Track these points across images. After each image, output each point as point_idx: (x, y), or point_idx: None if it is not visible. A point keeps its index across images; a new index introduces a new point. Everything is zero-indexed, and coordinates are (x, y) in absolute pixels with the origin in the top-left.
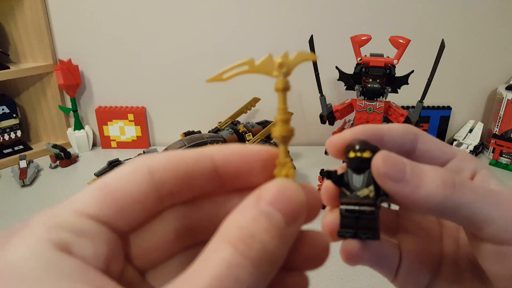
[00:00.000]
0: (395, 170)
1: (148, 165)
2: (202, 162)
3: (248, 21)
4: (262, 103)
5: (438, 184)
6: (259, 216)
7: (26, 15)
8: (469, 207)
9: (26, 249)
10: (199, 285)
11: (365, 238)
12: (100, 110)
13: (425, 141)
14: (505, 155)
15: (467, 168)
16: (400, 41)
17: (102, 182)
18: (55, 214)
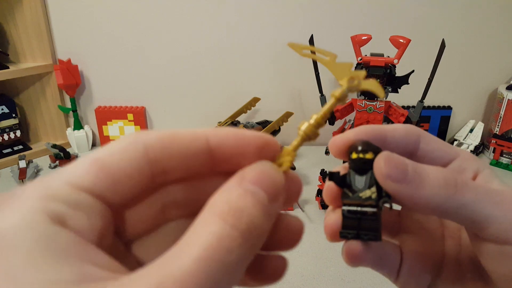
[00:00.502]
0: (397, 171)
1: (143, 142)
2: (196, 143)
3: (248, 21)
4: (262, 103)
5: (440, 184)
6: (245, 193)
7: (25, 15)
8: (471, 206)
9: (18, 219)
10: (191, 255)
11: (367, 239)
12: (100, 110)
13: (428, 141)
14: (505, 155)
15: (470, 168)
16: (400, 41)
17: (95, 156)
18: (49, 185)
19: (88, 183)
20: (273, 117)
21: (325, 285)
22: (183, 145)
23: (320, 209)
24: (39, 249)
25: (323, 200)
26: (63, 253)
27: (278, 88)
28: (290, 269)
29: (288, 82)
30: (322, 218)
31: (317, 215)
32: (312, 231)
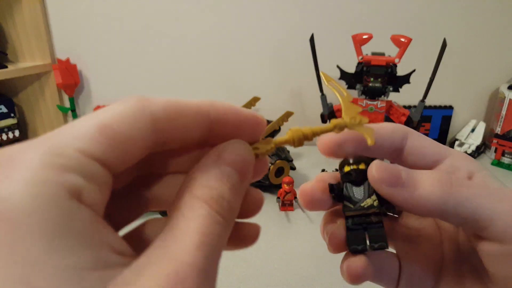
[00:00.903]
0: (390, 175)
1: (151, 111)
2: (200, 117)
3: (249, 20)
4: (262, 102)
5: (434, 183)
6: (222, 177)
7: (24, 14)
8: (470, 203)
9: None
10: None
11: (378, 248)
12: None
13: (415, 138)
14: (507, 155)
15: (464, 168)
16: (401, 40)
17: (102, 121)
18: (59, 152)
19: (99, 152)
20: (273, 116)
21: (325, 285)
22: (188, 118)
23: None
24: (60, 230)
25: None
26: (82, 234)
27: (278, 88)
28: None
29: (288, 81)
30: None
31: (317, 215)
32: (312, 231)
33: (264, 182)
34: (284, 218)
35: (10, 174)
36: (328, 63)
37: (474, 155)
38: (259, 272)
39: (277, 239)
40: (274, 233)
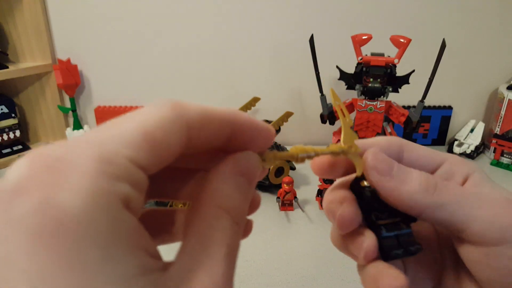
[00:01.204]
0: (382, 164)
1: (187, 119)
2: (225, 125)
3: (249, 20)
4: (262, 103)
5: (421, 183)
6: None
7: (25, 15)
8: (449, 207)
9: (90, 202)
10: (221, 254)
11: (415, 251)
12: (99, 109)
13: (411, 149)
14: (506, 155)
15: (459, 172)
16: (401, 41)
17: (146, 129)
18: (111, 160)
19: (144, 160)
20: (273, 117)
21: (325, 285)
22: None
23: (321, 209)
24: (112, 239)
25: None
26: (129, 242)
27: (278, 88)
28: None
29: (288, 82)
30: (322, 218)
31: (317, 215)
32: (312, 231)
33: (264, 182)
34: (284, 218)
35: (66, 180)
36: (328, 63)
37: (473, 155)
38: (259, 271)
39: (277, 239)
40: (274, 233)
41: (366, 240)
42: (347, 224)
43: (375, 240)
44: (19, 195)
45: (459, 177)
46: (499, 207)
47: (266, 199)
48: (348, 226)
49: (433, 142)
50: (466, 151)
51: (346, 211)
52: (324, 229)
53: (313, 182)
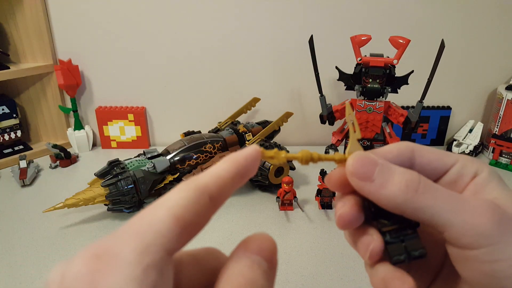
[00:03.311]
0: (362, 170)
1: (209, 194)
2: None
3: (248, 21)
4: (262, 103)
5: (401, 186)
6: (253, 264)
7: (26, 15)
8: (428, 211)
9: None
10: None
11: (419, 255)
12: (100, 110)
13: (423, 154)
14: (505, 155)
15: (468, 173)
16: (400, 41)
17: (176, 214)
18: (148, 251)
19: (174, 245)
20: (273, 117)
21: (325, 285)
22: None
23: (320, 209)
24: None
25: (322, 200)
26: None
27: (278, 88)
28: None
29: (288, 82)
30: (322, 218)
31: (317, 215)
32: (312, 231)
33: (264, 182)
34: (284, 218)
35: (113, 269)
36: (327, 64)
37: (472, 155)
38: None
39: (276, 238)
40: (274, 233)
41: (373, 242)
42: (344, 224)
43: (381, 243)
44: (74, 279)
45: (467, 177)
46: (478, 213)
47: (266, 199)
48: (346, 226)
49: (432, 142)
50: (465, 151)
51: (345, 212)
52: (324, 228)
53: (313, 182)
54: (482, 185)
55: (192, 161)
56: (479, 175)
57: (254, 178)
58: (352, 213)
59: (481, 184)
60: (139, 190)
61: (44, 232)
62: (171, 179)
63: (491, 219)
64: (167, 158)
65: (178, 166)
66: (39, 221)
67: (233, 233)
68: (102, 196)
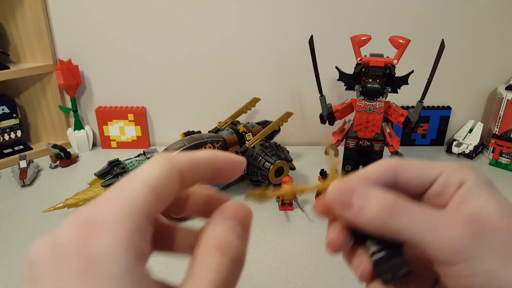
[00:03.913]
0: (341, 198)
1: (180, 170)
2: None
3: (248, 21)
4: (262, 103)
5: (377, 211)
6: (229, 228)
7: (26, 15)
8: (405, 232)
9: (113, 252)
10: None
11: (404, 273)
12: (100, 110)
13: (407, 170)
14: (505, 155)
15: (453, 183)
16: (400, 41)
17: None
18: (130, 215)
19: (151, 212)
20: (273, 117)
21: (325, 284)
22: (201, 169)
23: None
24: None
25: None
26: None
27: (278, 88)
28: (289, 268)
29: (288, 82)
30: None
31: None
32: (312, 231)
33: (264, 182)
34: (284, 218)
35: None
36: (327, 64)
37: (472, 155)
38: (259, 270)
39: (276, 238)
40: (274, 232)
41: (362, 263)
42: (333, 249)
43: (369, 264)
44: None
45: (453, 188)
46: (453, 229)
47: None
48: (335, 250)
49: (432, 142)
50: (465, 151)
51: (333, 237)
52: (323, 228)
53: (313, 182)
54: (467, 195)
55: None
56: (464, 184)
57: (254, 178)
58: (340, 238)
59: (466, 194)
60: None
61: (44, 232)
62: None
63: (465, 234)
64: None
65: None
66: (39, 221)
67: None
68: None
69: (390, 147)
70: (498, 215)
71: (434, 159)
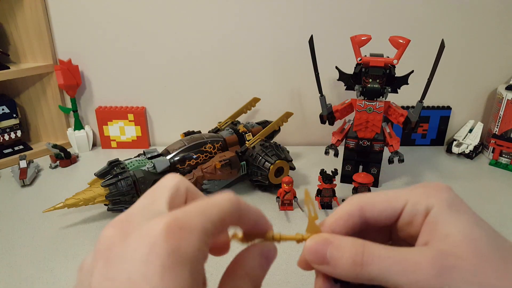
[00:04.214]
0: (316, 256)
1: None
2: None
3: (248, 21)
4: (262, 103)
5: (349, 263)
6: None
7: (26, 15)
8: (378, 278)
9: (197, 256)
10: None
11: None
12: (100, 110)
13: (372, 207)
14: (505, 155)
15: (419, 211)
16: (400, 41)
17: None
18: (208, 229)
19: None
20: (273, 117)
21: None
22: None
23: (320, 208)
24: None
25: (322, 200)
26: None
27: (278, 88)
28: (289, 268)
29: (288, 82)
30: (322, 218)
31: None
32: None
33: (264, 182)
34: (284, 218)
35: (190, 236)
36: (327, 64)
37: (472, 155)
38: None
39: None
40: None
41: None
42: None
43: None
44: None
45: (420, 216)
46: (419, 270)
47: (266, 199)
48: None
49: (432, 142)
50: (465, 151)
51: (320, 286)
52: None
53: (313, 182)
54: (434, 224)
55: (192, 161)
56: (430, 212)
57: (254, 178)
58: (327, 285)
59: (433, 223)
60: (139, 190)
61: (44, 232)
62: None
63: (433, 274)
64: (167, 158)
65: (178, 166)
66: (39, 221)
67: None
68: (102, 196)
69: (390, 147)
70: (465, 243)
71: (434, 159)
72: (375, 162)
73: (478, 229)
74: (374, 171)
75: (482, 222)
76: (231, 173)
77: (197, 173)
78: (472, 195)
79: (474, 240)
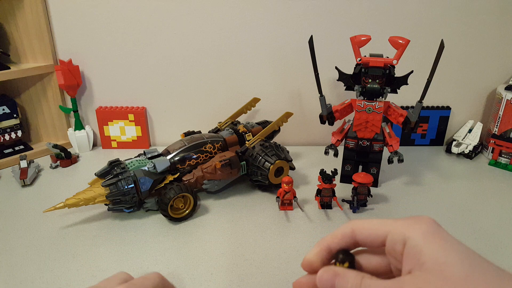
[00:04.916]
0: (327, 286)
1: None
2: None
3: (248, 21)
4: (262, 103)
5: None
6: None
7: (26, 15)
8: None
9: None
10: None
11: None
12: (101, 110)
13: (361, 231)
14: (504, 155)
15: (398, 242)
16: (399, 42)
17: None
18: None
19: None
20: (273, 117)
21: None
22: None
23: (320, 208)
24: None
25: (322, 199)
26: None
27: (278, 88)
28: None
29: (288, 82)
30: (322, 218)
31: (316, 215)
32: (312, 230)
33: (264, 182)
34: (284, 217)
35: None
36: (327, 64)
37: (471, 155)
38: (258, 270)
39: (276, 238)
40: (274, 232)
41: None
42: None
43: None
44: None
45: (400, 246)
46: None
47: (266, 199)
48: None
49: (431, 142)
50: (464, 151)
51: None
52: (323, 228)
53: (313, 182)
54: (413, 255)
55: (192, 161)
56: (406, 243)
57: (254, 178)
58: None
59: (411, 255)
60: (140, 190)
61: (44, 232)
62: (171, 179)
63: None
64: (168, 158)
65: (179, 166)
66: (39, 221)
67: (233, 233)
68: (102, 196)
69: (389, 147)
70: (436, 269)
71: (433, 159)
72: (374, 162)
73: (454, 254)
74: (373, 171)
75: (460, 246)
76: (231, 173)
77: (197, 173)
78: (472, 195)
79: (445, 265)
